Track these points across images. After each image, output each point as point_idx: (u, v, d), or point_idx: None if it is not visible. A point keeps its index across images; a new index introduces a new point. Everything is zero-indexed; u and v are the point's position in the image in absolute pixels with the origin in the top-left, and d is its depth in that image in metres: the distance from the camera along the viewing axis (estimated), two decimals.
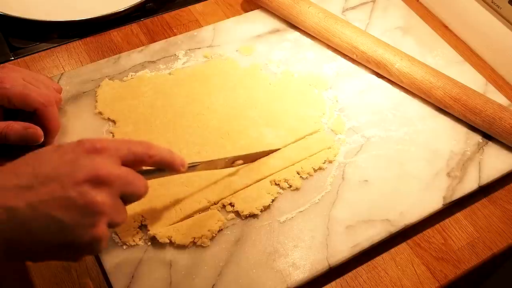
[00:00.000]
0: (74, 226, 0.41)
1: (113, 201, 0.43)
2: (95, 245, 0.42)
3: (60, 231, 0.40)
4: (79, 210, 0.41)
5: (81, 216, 0.41)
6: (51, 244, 0.41)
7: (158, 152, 0.48)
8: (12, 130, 0.58)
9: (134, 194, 0.45)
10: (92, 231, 0.41)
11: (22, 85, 0.60)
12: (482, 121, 0.69)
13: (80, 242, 0.41)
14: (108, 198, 0.42)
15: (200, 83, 0.72)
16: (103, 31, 0.80)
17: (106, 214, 0.42)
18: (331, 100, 0.73)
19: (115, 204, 0.43)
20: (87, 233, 0.41)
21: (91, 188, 0.41)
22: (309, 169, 0.65)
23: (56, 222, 0.40)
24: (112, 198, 0.43)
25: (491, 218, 0.66)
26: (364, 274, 0.60)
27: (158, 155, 0.48)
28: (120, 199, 0.44)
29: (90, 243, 0.42)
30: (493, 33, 0.81)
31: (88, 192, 0.41)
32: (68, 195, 0.40)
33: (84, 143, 0.43)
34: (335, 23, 0.77)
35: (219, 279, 0.56)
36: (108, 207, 0.42)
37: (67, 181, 0.41)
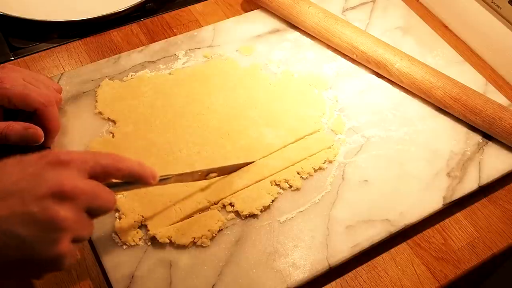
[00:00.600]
0: (35, 242, 0.39)
1: (77, 216, 0.41)
2: (58, 262, 0.41)
3: (20, 247, 0.39)
4: (40, 226, 0.39)
5: (43, 232, 0.39)
6: (12, 261, 0.40)
7: (127, 165, 0.47)
8: (12, 130, 0.58)
9: (101, 208, 0.44)
10: (54, 247, 0.40)
11: (22, 85, 0.59)
12: (482, 121, 0.69)
13: (42, 259, 0.40)
14: (72, 213, 0.41)
15: (200, 83, 0.72)
16: (103, 31, 0.80)
17: (70, 230, 0.41)
18: (331, 100, 0.73)
19: (80, 219, 0.42)
20: (49, 249, 0.40)
21: (54, 203, 0.40)
22: (309, 169, 0.65)
23: (17, 238, 0.39)
24: (76, 213, 0.41)
25: (491, 218, 0.66)
26: (364, 274, 0.60)
27: (127, 168, 0.46)
28: (87, 213, 0.43)
29: (53, 260, 0.41)
30: (493, 33, 0.81)
31: (50, 207, 0.39)
32: (29, 211, 0.39)
33: (47, 156, 0.42)
34: (335, 23, 0.77)
35: (219, 279, 0.56)
36: (72, 222, 0.40)
37: (29, 195, 0.39)
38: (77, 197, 0.41)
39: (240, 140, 0.66)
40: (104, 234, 0.58)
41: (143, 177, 0.48)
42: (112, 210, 0.45)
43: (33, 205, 0.39)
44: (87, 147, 0.64)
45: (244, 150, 0.65)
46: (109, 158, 0.46)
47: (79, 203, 0.41)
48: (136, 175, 0.48)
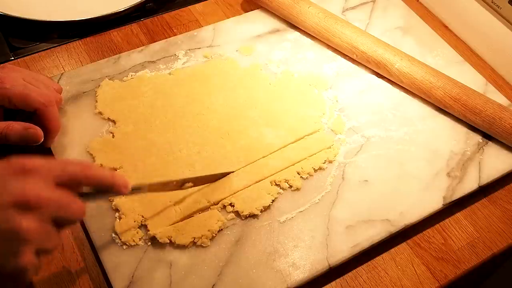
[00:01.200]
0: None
1: (41, 227, 0.39)
2: (20, 275, 0.40)
3: None
4: (2, 237, 0.38)
5: (4, 243, 0.38)
6: None
7: (97, 173, 0.45)
8: (12, 130, 0.58)
9: (68, 219, 0.42)
10: (16, 259, 0.38)
11: (23, 85, 0.59)
12: (482, 121, 0.69)
13: (3, 270, 0.39)
14: (35, 223, 0.39)
15: (200, 83, 0.72)
16: (103, 31, 0.80)
17: (33, 241, 0.39)
18: (331, 100, 0.73)
19: (44, 230, 0.40)
20: (11, 261, 0.39)
21: (16, 213, 0.38)
22: (309, 169, 0.65)
23: None
24: (41, 223, 0.39)
25: (491, 218, 0.66)
26: (364, 274, 0.60)
27: (96, 176, 0.45)
28: (53, 223, 0.41)
29: (14, 273, 0.39)
30: (493, 33, 0.81)
31: (12, 217, 0.38)
32: None
33: (13, 164, 0.41)
34: (335, 23, 0.77)
35: (219, 279, 0.56)
36: (36, 233, 0.39)
37: None
38: (41, 207, 0.39)
39: (240, 140, 0.66)
40: (104, 234, 0.58)
41: (114, 185, 0.47)
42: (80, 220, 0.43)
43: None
44: (87, 147, 0.64)
45: (244, 150, 0.65)
46: (77, 166, 0.44)
47: (43, 213, 0.40)
48: (106, 183, 0.46)
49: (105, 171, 0.47)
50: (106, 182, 0.46)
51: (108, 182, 0.46)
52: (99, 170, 0.46)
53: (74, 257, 0.58)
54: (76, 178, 0.44)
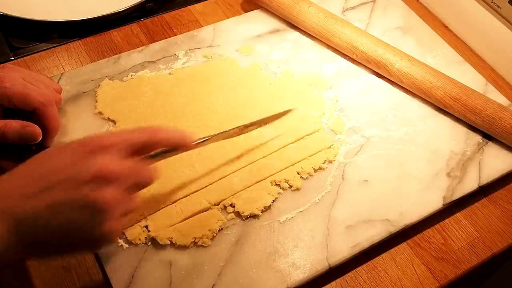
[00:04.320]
0: (86, 224, 0.43)
1: (119, 196, 0.44)
2: (108, 239, 0.45)
3: (73, 230, 0.43)
4: (88, 209, 0.42)
5: (91, 215, 0.43)
6: (68, 242, 0.44)
7: (165, 136, 0.50)
8: (10, 128, 0.58)
9: (141, 183, 0.47)
10: (102, 227, 0.43)
11: (22, 85, 0.60)
12: (482, 121, 0.69)
13: (93, 238, 0.44)
14: (113, 194, 0.43)
15: (200, 83, 0.72)
16: (103, 31, 0.80)
17: (113, 210, 0.44)
18: (331, 100, 0.73)
19: (122, 198, 0.45)
20: (99, 229, 0.43)
21: (97, 187, 0.43)
22: (309, 169, 0.65)
23: (69, 223, 0.42)
24: (118, 193, 0.44)
25: (491, 218, 0.66)
26: (364, 274, 0.60)
27: (165, 139, 0.50)
28: (129, 190, 0.45)
29: (103, 238, 0.44)
30: (493, 33, 0.81)
31: (94, 191, 0.42)
32: (76, 197, 0.42)
33: (87, 143, 0.45)
34: (335, 23, 0.77)
35: (219, 279, 0.56)
36: (116, 202, 0.44)
37: (74, 182, 0.42)
38: (117, 179, 0.44)
39: (240, 140, 0.66)
40: None
41: (181, 142, 0.52)
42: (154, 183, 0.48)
43: (78, 191, 0.42)
44: None
45: (244, 150, 0.65)
46: (145, 133, 0.48)
47: (119, 184, 0.44)
48: (175, 143, 0.51)
49: (170, 132, 0.51)
50: (174, 141, 0.51)
51: (176, 141, 0.51)
52: (166, 132, 0.50)
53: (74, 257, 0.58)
54: (146, 146, 0.48)
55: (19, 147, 0.62)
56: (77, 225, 0.43)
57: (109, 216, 0.43)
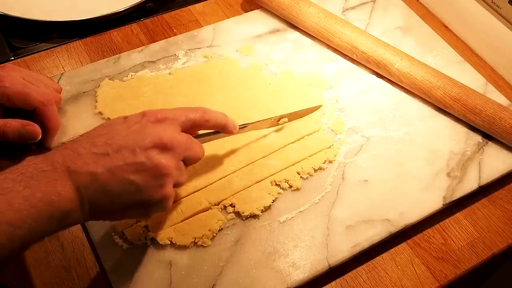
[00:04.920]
0: (146, 187, 0.46)
1: (176, 163, 0.48)
2: (164, 203, 0.48)
3: (135, 191, 0.46)
4: (149, 172, 0.46)
5: (151, 178, 0.46)
6: (128, 203, 0.46)
7: (213, 116, 0.54)
8: (10, 127, 0.59)
9: (193, 158, 0.51)
10: (161, 190, 0.47)
11: (22, 84, 0.60)
12: (482, 121, 0.69)
13: (152, 200, 0.47)
14: (173, 161, 0.48)
15: (200, 83, 0.72)
16: (103, 31, 0.80)
17: (172, 175, 0.47)
18: (331, 100, 0.73)
19: (179, 166, 0.49)
20: (158, 192, 0.47)
21: (158, 153, 0.47)
22: (309, 169, 0.65)
23: (131, 184, 0.45)
24: (176, 161, 0.48)
25: (491, 218, 0.66)
26: (364, 274, 0.60)
27: (213, 119, 0.54)
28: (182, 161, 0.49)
29: (160, 201, 0.48)
30: (493, 33, 0.81)
31: (155, 156, 0.46)
32: (139, 160, 0.46)
33: (147, 115, 0.49)
34: (335, 23, 0.77)
35: (219, 279, 0.56)
36: (173, 169, 0.47)
37: (137, 148, 0.46)
38: (175, 148, 0.48)
39: (240, 140, 0.66)
40: (104, 234, 0.58)
41: (227, 126, 0.56)
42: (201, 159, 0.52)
43: (141, 156, 0.46)
44: None
45: (244, 150, 0.65)
46: (198, 111, 0.53)
47: (176, 153, 0.48)
48: (221, 125, 0.55)
49: (219, 115, 0.55)
50: (221, 124, 0.55)
51: (222, 124, 0.56)
52: (215, 114, 0.54)
53: (74, 257, 0.58)
54: (197, 123, 0.53)
55: (19, 146, 0.62)
56: (139, 187, 0.45)
57: (168, 181, 0.47)
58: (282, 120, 0.66)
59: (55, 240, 0.59)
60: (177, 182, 0.49)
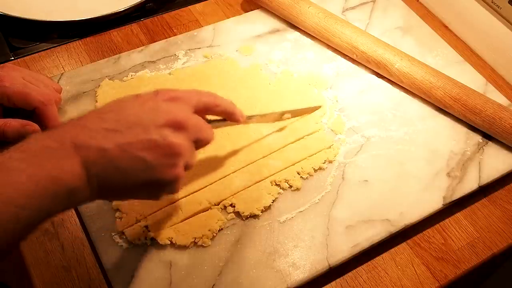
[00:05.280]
0: (158, 165, 0.44)
1: (188, 144, 0.47)
2: (174, 184, 0.47)
3: (145, 169, 0.44)
4: (161, 151, 0.44)
5: (163, 157, 0.45)
6: (137, 182, 0.45)
7: (223, 102, 0.53)
8: (10, 127, 0.59)
9: (204, 140, 0.49)
10: (172, 170, 0.45)
11: (22, 84, 0.60)
12: (482, 121, 0.69)
13: (162, 179, 0.45)
14: (185, 141, 0.46)
15: (200, 83, 0.72)
16: (103, 31, 0.80)
17: (184, 156, 0.46)
18: (331, 100, 0.73)
19: (190, 147, 0.47)
20: (169, 171, 0.45)
21: (170, 131, 0.45)
22: (309, 169, 0.65)
23: (142, 162, 0.44)
24: (188, 141, 0.47)
25: (491, 218, 0.66)
26: (364, 274, 0.60)
27: (223, 105, 0.53)
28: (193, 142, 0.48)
29: (170, 181, 0.46)
30: (493, 33, 0.81)
31: (168, 135, 0.45)
32: (151, 138, 0.44)
33: (161, 93, 0.48)
34: (335, 23, 0.77)
35: (219, 279, 0.56)
36: (185, 149, 0.46)
37: (150, 125, 0.44)
38: (188, 128, 0.46)
39: (240, 140, 0.66)
40: (104, 234, 0.58)
41: (234, 114, 0.55)
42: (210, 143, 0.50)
43: (154, 133, 0.44)
44: None
45: (244, 150, 0.65)
46: (209, 95, 0.52)
47: (189, 133, 0.47)
48: (229, 112, 0.54)
49: (228, 102, 0.54)
50: (230, 110, 0.54)
51: (231, 111, 0.55)
52: (224, 100, 0.54)
53: (74, 257, 0.58)
54: (208, 106, 0.52)
55: None
56: (150, 164, 0.44)
57: (179, 161, 0.45)
58: (285, 115, 0.67)
59: (55, 240, 0.59)
60: (188, 163, 0.47)
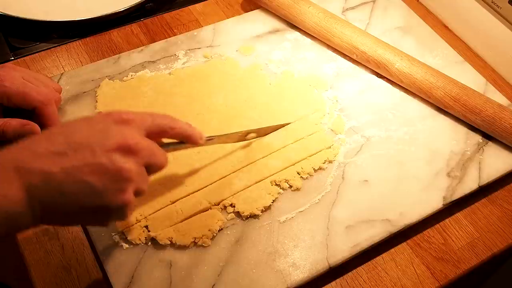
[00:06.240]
0: (105, 190, 0.43)
1: (139, 169, 0.45)
2: (123, 210, 0.45)
3: (92, 195, 0.42)
4: (109, 176, 0.43)
5: (111, 182, 0.43)
6: (83, 208, 0.43)
7: (179, 125, 0.51)
8: (9, 127, 0.59)
9: (157, 165, 0.47)
10: (121, 196, 0.43)
11: (22, 84, 0.60)
12: (482, 121, 0.69)
13: (110, 205, 0.43)
14: (135, 166, 0.44)
15: (200, 83, 0.72)
16: (103, 31, 0.80)
17: (134, 181, 0.44)
18: (331, 100, 0.73)
19: (141, 172, 0.45)
20: (116, 198, 0.43)
21: (120, 155, 0.43)
22: (309, 169, 0.64)
23: (88, 187, 0.42)
24: (139, 166, 0.45)
25: (491, 218, 0.66)
26: (364, 274, 0.60)
27: (179, 128, 0.51)
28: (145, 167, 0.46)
29: (119, 208, 0.44)
30: (493, 33, 0.81)
31: (117, 159, 0.43)
32: (99, 162, 0.42)
33: (112, 115, 0.46)
34: (335, 23, 0.77)
35: (219, 279, 0.56)
36: (135, 174, 0.44)
37: (98, 148, 0.43)
38: (139, 152, 0.45)
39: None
40: (104, 234, 0.58)
41: (192, 136, 0.53)
42: (164, 168, 0.48)
43: (102, 157, 0.42)
44: None
45: (244, 150, 0.65)
46: (164, 118, 0.50)
47: (140, 158, 0.45)
48: (186, 134, 0.52)
49: (185, 124, 0.52)
50: (186, 134, 0.52)
51: (188, 134, 0.52)
52: (181, 123, 0.52)
53: (74, 257, 0.58)
54: (163, 129, 0.50)
55: None
56: (96, 189, 0.42)
57: (128, 187, 0.44)
58: (250, 135, 0.64)
59: (55, 240, 0.59)
60: (138, 189, 0.45)
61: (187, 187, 0.61)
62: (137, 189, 0.45)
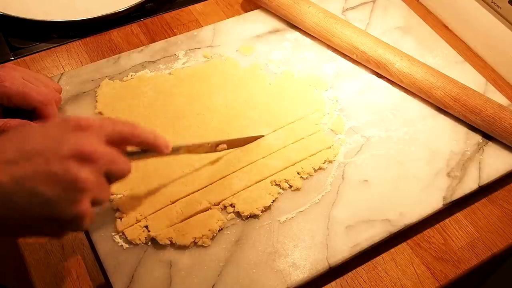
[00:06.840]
0: (58, 200, 0.40)
1: (97, 178, 0.42)
2: (78, 221, 0.42)
3: (43, 205, 0.40)
4: (62, 185, 0.40)
5: (65, 191, 0.40)
6: (35, 218, 0.41)
7: (142, 133, 0.48)
8: (9, 127, 0.58)
9: (118, 173, 0.45)
10: (75, 206, 0.41)
11: (22, 84, 0.60)
12: (482, 121, 0.69)
13: (64, 217, 0.41)
14: (92, 175, 0.42)
15: (200, 83, 0.72)
16: (103, 31, 0.80)
17: (90, 191, 0.41)
18: (331, 100, 0.73)
19: (99, 181, 0.43)
20: (71, 208, 0.41)
21: (75, 164, 0.41)
22: (309, 169, 0.65)
23: (40, 196, 0.40)
24: (96, 175, 0.42)
25: (491, 218, 0.66)
26: (364, 274, 0.60)
27: (142, 136, 0.48)
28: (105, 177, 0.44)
29: (73, 219, 0.42)
30: (493, 33, 0.81)
31: (72, 168, 0.40)
32: (52, 170, 0.40)
33: (69, 121, 0.43)
34: (335, 23, 0.77)
35: (219, 279, 0.56)
36: (92, 184, 0.41)
37: (52, 156, 0.40)
38: (96, 160, 0.42)
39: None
40: (104, 234, 0.58)
41: (157, 145, 0.50)
42: (126, 177, 0.46)
43: (56, 165, 0.40)
44: None
45: (244, 150, 0.65)
46: (126, 125, 0.47)
47: (98, 166, 0.42)
48: (150, 143, 0.49)
49: (149, 132, 0.49)
50: (150, 142, 0.49)
51: (152, 142, 0.49)
52: (145, 131, 0.49)
53: (74, 257, 0.58)
54: (125, 136, 0.47)
55: None
56: (48, 200, 0.40)
57: (84, 197, 0.41)
58: (220, 146, 0.62)
59: (55, 240, 0.59)
60: (96, 199, 0.43)
61: (187, 187, 0.61)
62: (95, 198, 0.42)
